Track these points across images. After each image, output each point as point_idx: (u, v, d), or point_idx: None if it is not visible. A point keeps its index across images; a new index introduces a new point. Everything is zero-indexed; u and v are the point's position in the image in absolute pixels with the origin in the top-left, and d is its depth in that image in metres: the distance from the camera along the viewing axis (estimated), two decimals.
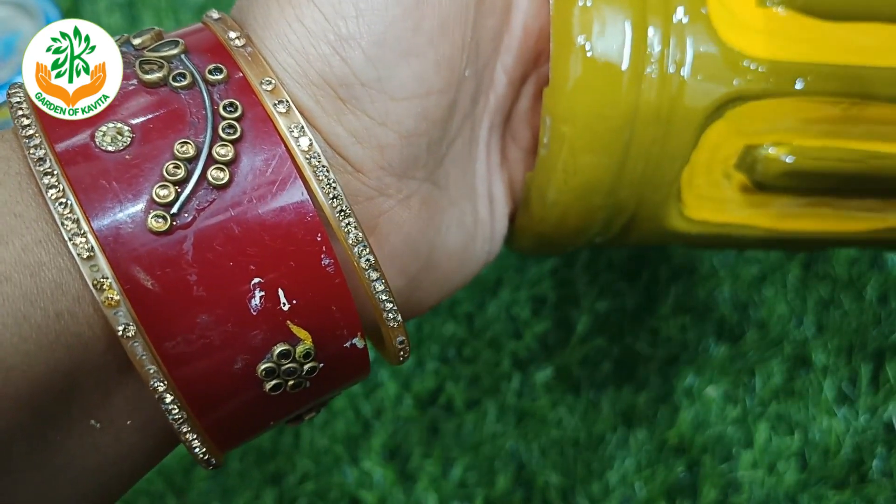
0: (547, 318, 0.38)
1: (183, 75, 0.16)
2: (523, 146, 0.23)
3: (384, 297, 0.16)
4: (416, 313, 0.20)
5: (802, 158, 0.20)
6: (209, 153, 0.15)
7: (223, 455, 0.16)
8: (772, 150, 0.20)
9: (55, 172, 0.14)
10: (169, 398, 0.15)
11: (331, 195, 0.15)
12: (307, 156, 0.15)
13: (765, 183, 0.21)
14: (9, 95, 0.16)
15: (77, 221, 0.14)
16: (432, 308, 0.21)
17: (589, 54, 0.19)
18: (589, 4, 0.19)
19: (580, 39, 0.19)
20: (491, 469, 0.34)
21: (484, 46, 0.20)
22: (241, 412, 0.16)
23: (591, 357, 0.37)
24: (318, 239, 0.15)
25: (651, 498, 0.34)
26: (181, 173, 0.15)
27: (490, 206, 0.22)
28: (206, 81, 0.16)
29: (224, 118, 0.15)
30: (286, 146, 0.15)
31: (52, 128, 0.15)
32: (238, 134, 0.15)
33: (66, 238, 0.14)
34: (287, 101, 0.15)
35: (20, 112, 0.15)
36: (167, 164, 0.15)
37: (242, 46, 0.16)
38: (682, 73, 0.20)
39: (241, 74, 0.16)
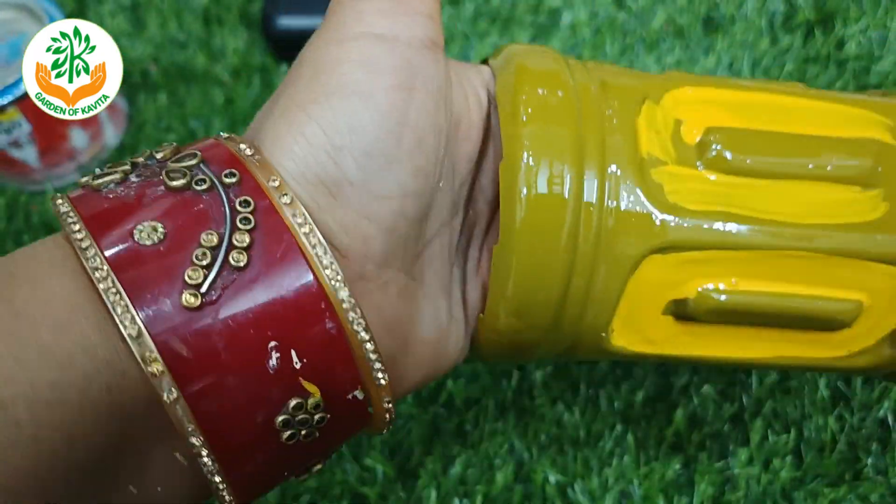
0: None
1: (203, 180, 0.18)
2: None
3: (373, 357, 0.19)
4: (396, 394, 0.22)
5: (732, 298, 0.23)
6: (230, 240, 0.18)
7: None
8: (702, 290, 0.23)
9: (104, 268, 0.17)
10: (205, 452, 0.17)
11: (330, 278, 0.18)
12: (308, 239, 0.18)
13: (695, 317, 0.23)
14: (55, 205, 0.18)
15: (126, 307, 0.16)
16: (410, 392, 0.24)
17: (532, 195, 0.22)
18: (532, 164, 0.22)
19: (523, 190, 0.22)
20: (490, 466, 0.35)
21: (460, 167, 0.23)
22: (261, 462, 0.19)
23: None
24: (322, 307, 0.18)
25: (648, 494, 0.34)
26: (208, 259, 0.17)
27: (464, 309, 0.25)
28: (222, 184, 0.19)
29: (239, 212, 0.18)
30: (291, 232, 0.18)
31: (99, 229, 0.17)
32: (252, 224, 0.18)
33: (118, 322, 0.16)
34: (290, 195, 0.19)
35: (70, 220, 0.18)
36: (196, 252, 0.17)
37: (252, 155, 0.19)
38: (612, 220, 0.22)
39: (251, 176, 0.19)
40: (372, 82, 0.20)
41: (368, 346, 0.19)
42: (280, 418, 0.18)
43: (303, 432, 0.18)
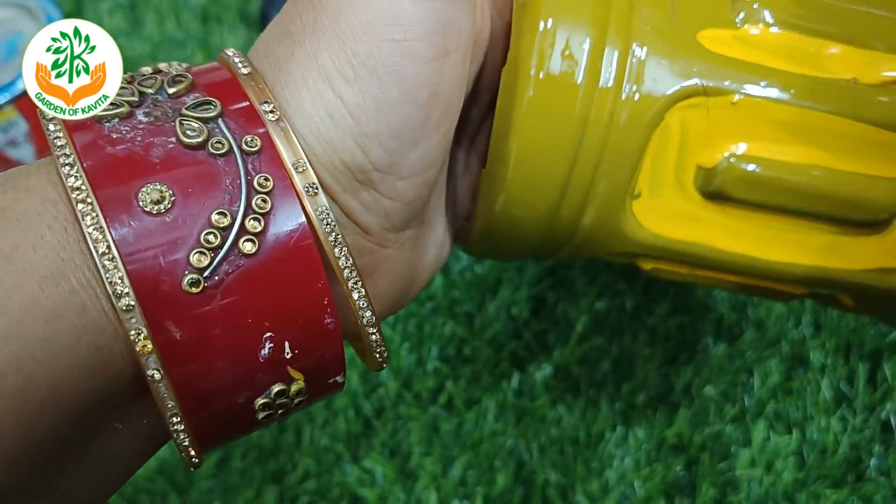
0: (546, 318, 0.38)
1: (221, 143, 0.17)
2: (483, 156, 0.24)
3: (375, 339, 0.19)
4: (393, 312, 0.23)
5: (761, 167, 0.21)
6: (242, 224, 0.17)
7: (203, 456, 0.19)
8: (732, 160, 0.21)
9: (102, 228, 0.16)
10: (181, 428, 0.17)
11: (343, 267, 0.18)
12: (328, 235, 0.17)
13: (723, 190, 0.21)
14: (48, 131, 0.17)
15: (121, 278, 0.16)
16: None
17: (541, 76, 0.20)
18: (549, 27, 0.20)
19: (534, 63, 0.20)
20: (491, 467, 0.35)
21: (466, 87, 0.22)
22: (233, 432, 0.19)
23: (590, 356, 0.37)
24: (325, 303, 0.17)
25: (650, 496, 0.34)
26: (216, 241, 0.16)
27: (454, 213, 0.24)
28: (242, 152, 0.17)
29: (257, 191, 0.17)
30: (310, 223, 0.17)
31: (98, 181, 0.16)
32: (268, 207, 0.17)
33: (110, 292, 0.15)
34: (316, 185, 0.17)
35: (65, 160, 0.16)
36: (204, 232, 0.16)
37: (276, 121, 0.18)
38: (635, 85, 0.20)
39: (274, 151, 0.17)
40: (407, 55, 0.18)
41: (373, 335, 0.19)
42: (261, 401, 0.18)
43: (279, 412, 0.18)
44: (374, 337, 0.19)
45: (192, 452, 0.18)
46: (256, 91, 0.18)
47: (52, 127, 0.17)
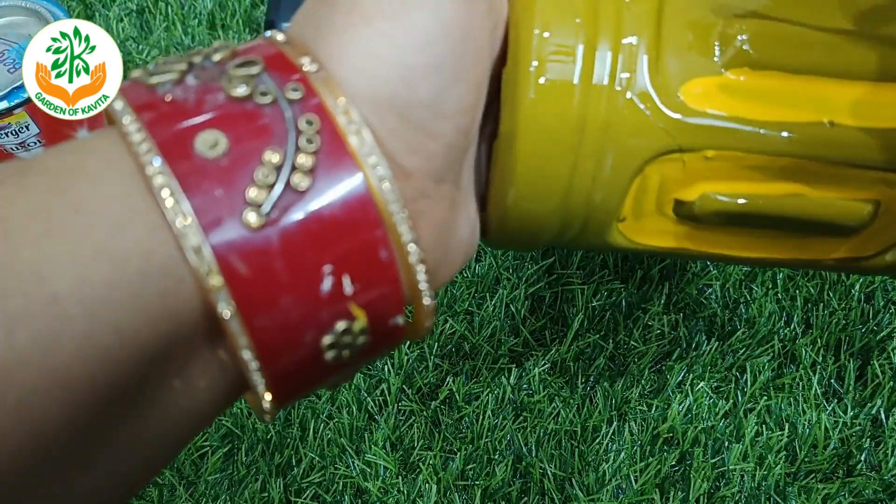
0: (543, 316, 0.39)
1: (266, 93, 0.18)
2: None
3: (425, 287, 0.19)
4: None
5: (735, 201, 0.22)
6: (293, 162, 0.17)
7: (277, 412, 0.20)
8: (708, 195, 0.22)
9: (166, 173, 0.16)
10: (255, 365, 0.17)
11: (391, 201, 0.18)
12: (374, 169, 0.18)
13: (700, 218, 0.23)
14: (112, 108, 0.18)
15: (187, 217, 0.16)
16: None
17: (542, 80, 0.21)
18: (546, 35, 0.21)
19: (534, 64, 0.21)
20: (490, 461, 0.35)
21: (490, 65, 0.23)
22: (303, 377, 0.19)
23: (586, 353, 0.38)
24: (378, 234, 0.18)
25: (644, 489, 0.34)
26: (271, 178, 0.17)
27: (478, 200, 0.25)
28: (286, 99, 0.18)
29: (303, 132, 0.18)
30: (355, 159, 0.18)
31: (156, 132, 0.17)
32: (316, 146, 0.18)
33: (178, 232, 0.16)
34: (357, 122, 0.18)
35: (126, 119, 0.17)
36: (258, 170, 0.17)
37: (317, 71, 0.19)
38: (627, 96, 0.21)
39: (316, 94, 0.18)
40: None
41: (422, 275, 0.19)
42: (327, 340, 0.18)
43: (344, 353, 0.19)
44: (422, 276, 0.19)
45: (268, 397, 0.18)
46: (294, 50, 0.19)
47: (109, 94, 0.18)
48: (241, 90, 0.18)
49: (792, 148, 0.22)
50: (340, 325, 0.18)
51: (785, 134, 0.22)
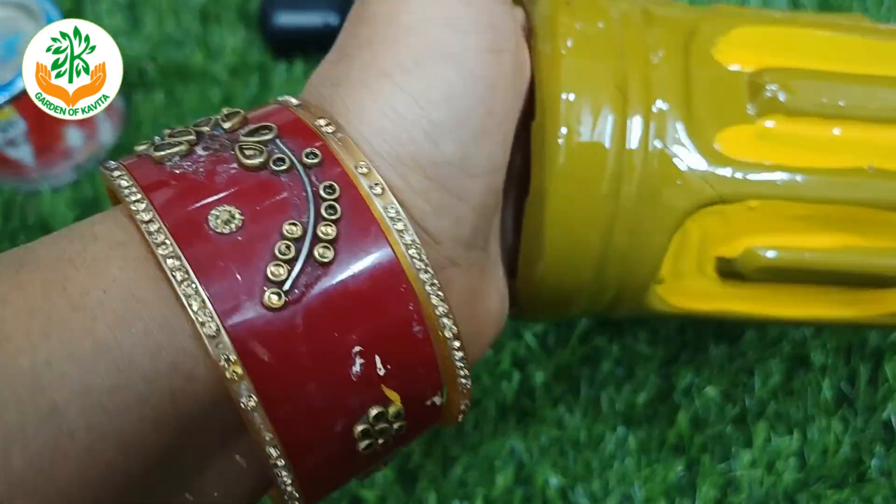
0: None
1: (282, 160, 0.17)
2: None
3: (461, 365, 0.18)
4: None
5: (781, 255, 0.21)
6: (314, 233, 0.16)
7: None
8: (752, 250, 0.21)
9: (178, 258, 0.15)
10: (282, 463, 0.16)
11: (420, 270, 0.17)
12: (401, 235, 0.17)
13: (743, 275, 0.22)
14: (112, 178, 0.16)
15: (202, 302, 0.15)
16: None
17: (572, 145, 0.20)
18: (572, 99, 0.20)
19: (563, 130, 0.20)
20: (491, 468, 0.35)
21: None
22: (336, 470, 0.17)
23: (590, 356, 0.37)
24: (410, 308, 0.17)
25: (650, 497, 0.34)
26: (291, 253, 0.16)
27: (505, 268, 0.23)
28: (303, 165, 0.17)
29: (324, 199, 0.16)
30: (381, 226, 0.17)
31: (167, 212, 0.16)
32: (338, 214, 0.16)
33: (194, 319, 0.15)
34: (382, 184, 0.17)
35: (134, 197, 0.16)
36: (278, 245, 0.16)
37: (333, 133, 0.17)
38: (662, 152, 0.21)
39: (335, 159, 0.17)
40: (462, 44, 0.18)
41: (457, 352, 0.17)
42: (360, 428, 0.17)
43: (379, 442, 0.17)
44: (457, 353, 0.18)
45: (297, 494, 0.16)
46: (309, 114, 0.18)
47: (115, 172, 0.17)
48: (254, 160, 0.17)
49: (835, 194, 0.21)
50: (374, 411, 0.17)
51: (826, 179, 0.21)
